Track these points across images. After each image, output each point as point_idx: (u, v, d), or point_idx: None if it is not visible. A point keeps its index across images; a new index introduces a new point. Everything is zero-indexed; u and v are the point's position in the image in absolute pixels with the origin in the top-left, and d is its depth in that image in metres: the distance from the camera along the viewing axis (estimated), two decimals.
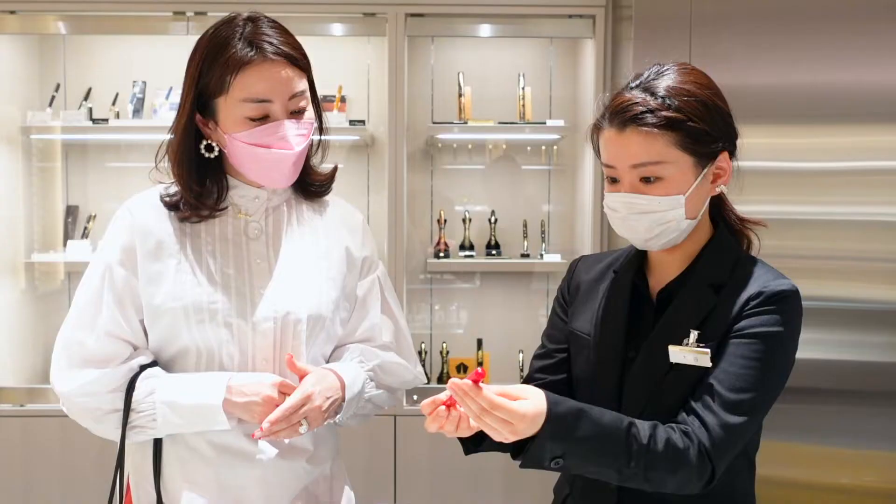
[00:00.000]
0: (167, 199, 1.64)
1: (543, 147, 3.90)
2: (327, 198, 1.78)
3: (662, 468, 1.39)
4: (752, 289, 1.48)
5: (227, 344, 1.60)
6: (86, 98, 3.72)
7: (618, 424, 1.39)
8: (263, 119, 1.58)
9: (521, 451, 1.38)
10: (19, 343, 3.63)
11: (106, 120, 3.60)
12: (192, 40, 3.92)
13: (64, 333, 1.61)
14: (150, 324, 1.61)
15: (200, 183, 1.63)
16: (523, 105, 3.76)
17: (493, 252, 3.80)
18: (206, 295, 1.60)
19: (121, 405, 1.57)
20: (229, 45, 1.56)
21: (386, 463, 3.37)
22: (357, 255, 1.76)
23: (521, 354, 3.82)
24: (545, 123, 3.73)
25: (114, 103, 3.71)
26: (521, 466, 1.39)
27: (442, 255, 3.75)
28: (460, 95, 3.77)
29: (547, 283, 3.91)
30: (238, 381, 1.56)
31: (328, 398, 1.59)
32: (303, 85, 1.62)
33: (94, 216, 3.79)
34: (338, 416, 1.65)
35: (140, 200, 1.67)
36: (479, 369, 1.33)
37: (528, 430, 1.34)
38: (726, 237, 1.56)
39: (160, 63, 3.71)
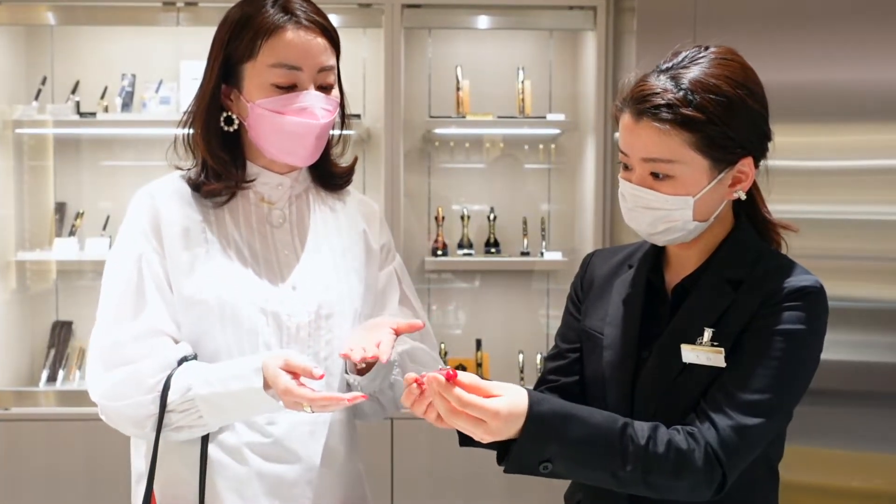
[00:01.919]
0: (188, 180, 1.59)
1: (543, 143, 3.85)
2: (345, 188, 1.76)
3: (664, 472, 1.31)
4: (772, 285, 1.39)
5: (262, 336, 1.55)
6: (73, 91, 3.65)
7: (611, 425, 1.32)
8: (290, 88, 1.53)
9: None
10: (5, 344, 3.55)
11: (94, 114, 3.54)
12: (182, 32, 3.90)
13: (100, 335, 1.52)
14: (180, 314, 1.55)
15: (224, 152, 1.58)
16: (523, 99, 3.71)
17: (493, 250, 3.76)
18: (237, 286, 1.55)
19: (157, 409, 1.48)
20: (262, 9, 1.53)
21: (383, 466, 3.34)
22: (375, 247, 1.73)
23: (521, 355, 3.77)
24: (545, 118, 3.69)
25: (102, 97, 3.65)
26: (505, 471, 1.32)
27: (440, 253, 3.71)
28: (458, 89, 3.72)
29: (547, 282, 3.86)
30: (267, 375, 1.46)
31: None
32: (332, 61, 1.58)
33: (82, 213, 3.72)
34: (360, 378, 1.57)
35: (160, 185, 1.61)
36: (450, 370, 1.26)
37: (503, 428, 1.27)
38: (747, 231, 1.48)
39: (150, 56, 3.67)
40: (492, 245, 3.76)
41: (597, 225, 3.45)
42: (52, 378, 3.58)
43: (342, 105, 1.64)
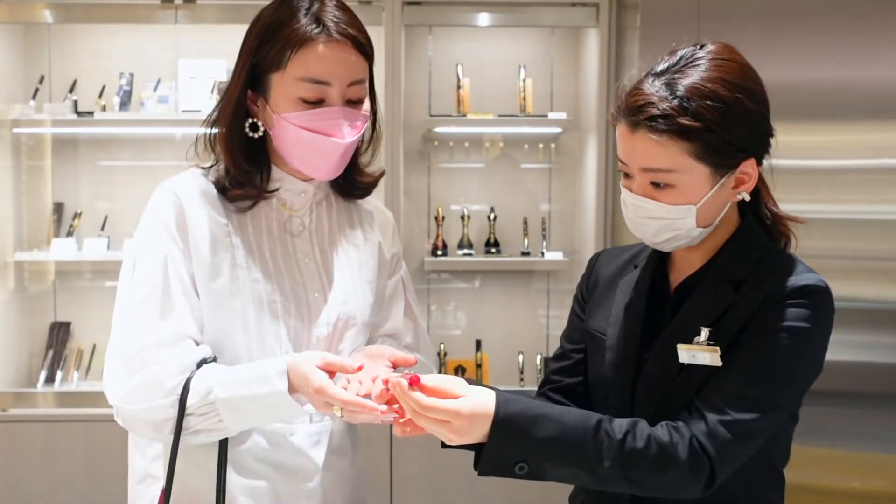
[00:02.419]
0: (215, 182, 1.55)
1: (543, 142, 3.82)
2: None
3: (645, 466, 1.29)
4: (774, 284, 1.37)
5: (284, 345, 1.53)
6: (71, 90, 3.63)
7: (584, 422, 1.30)
8: (318, 103, 1.49)
9: None
10: (3, 345, 3.53)
11: (91, 113, 3.52)
12: (180, 30, 3.86)
13: (122, 337, 1.48)
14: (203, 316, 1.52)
15: (247, 162, 1.54)
16: (524, 97, 3.68)
17: (493, 250, 3.73)
18: (264, 294, 1.52)
19: (175, 412, 1.44)
20: (293, 18, 1.48)
21: (383, 468, 3.33)
22: (387, 256, 1.70)
23: (521, 356, 3.75)
24: (546, 116, 3.66)
25: (100, 96, 3.63)
26: (479, 474, 1.31)
27: (440, 253, 3.67)
28: (459, 87, 3.69)
29: (548, 283, 3.84)
30: (293, 377, 1.43)
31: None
32: (364, 73, 1.53)
33: (80, 213, 3.69)
34: None
35: (184, 183, 1.55)
36: (413, 375, 1.28)
37: (468, 427, 1.27)
38: (752, 230, 1.45)
39: (148, 54, 3.65)
40: (492, 245, 3.73)
41: (598, 225, 3.42)
42: (50, 379, 3.56)
43: (374, 114, 1.60)
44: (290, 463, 1.55)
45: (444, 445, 1.37)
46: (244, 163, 1.53)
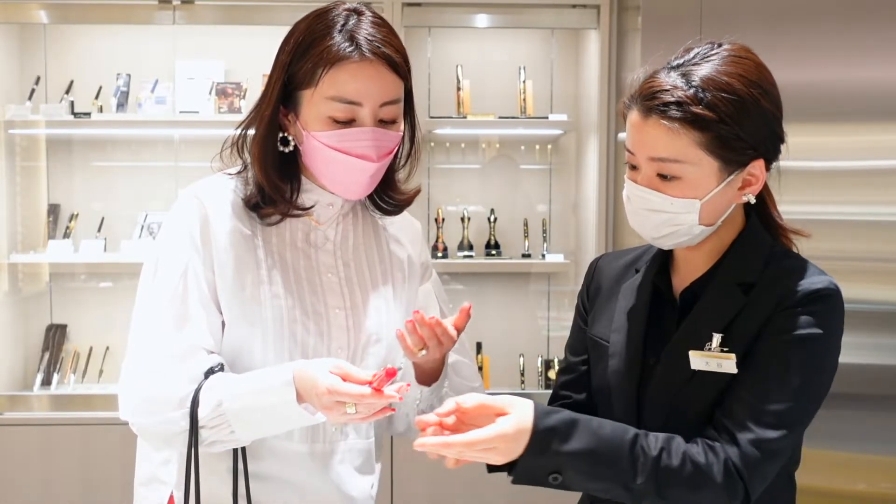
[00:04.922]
0: (245, 198, 1.52)
1: (542, 144, 3.80)
2: None
3: (680, 486, 1.28)
4: (786, 287, 1.35)
5: (303, 359, 1.50)
6: (67, 91, 3.60)
7: (621, 435, 1.29)
8: (349, 122, 1.45)
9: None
10: None
11: (88, 114, 3.49)
12: (178, 30, 3.83)
13: (136, 348, 1.46)
14: (223, 328, 1.50)
15: (280, 177, 1.51)
16: (524, 99, 3.67)
17: (493, 252, 3.72)
18: (285, 311, 1.50)
19: (187, 425, 1.42)
20: (327, 35, 1.44)
21: (384, 474, 3.27)
22: (416, 266, 1.69)
23: (521, 359, 3.73)
24: (547, 118, 3.65)
25: (97, 97, 3.61)
26: (513, 482, 1.30)
27: (440, 255, 3.67)
28: (459, 89, 3.68)
29: (548, 284, 3.82)
30: (300, 385, 1.40)
31: None
32: (398, 93, 1.48)
33: (77, 215, 3.67)
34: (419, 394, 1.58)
35: (209, 191, 1.52)
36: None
37: (514, 448, 1.26)
38: (758, 231, 1.43)
39: (145, 55, 3.63)
40: (492, 247, 3.72)
41: (599, 226, 3.40)
42: (46, 382, 3.53)
43: (413, 131, 1.57)
44: (311, 484, 1.54)
45: (490, 471, 1.35)
46: (277, 179, 1.50)
